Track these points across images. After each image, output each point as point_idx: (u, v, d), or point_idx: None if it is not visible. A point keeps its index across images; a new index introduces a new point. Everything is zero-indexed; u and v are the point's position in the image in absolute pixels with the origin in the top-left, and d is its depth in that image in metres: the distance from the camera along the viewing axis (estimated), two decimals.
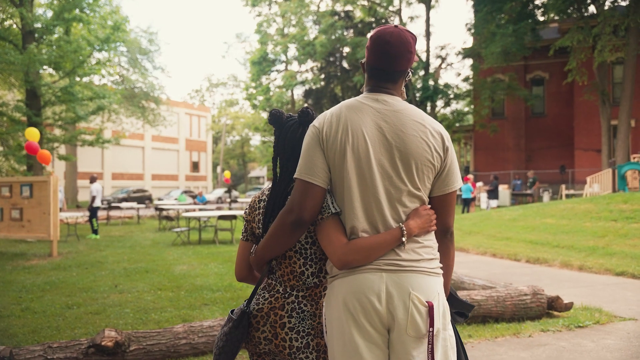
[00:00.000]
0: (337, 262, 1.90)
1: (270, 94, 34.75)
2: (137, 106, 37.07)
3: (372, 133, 1.93)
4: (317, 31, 34.79)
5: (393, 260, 1.89)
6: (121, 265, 9.92)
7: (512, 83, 30.74)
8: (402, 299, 1.84)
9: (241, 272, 2.27)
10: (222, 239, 14.51)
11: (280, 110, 2.22)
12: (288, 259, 2.09)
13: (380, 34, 2.00)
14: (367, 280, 1.87)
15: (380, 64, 2.02)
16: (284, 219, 1.93)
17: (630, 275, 8.21)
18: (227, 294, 7.34)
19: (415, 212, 1.95)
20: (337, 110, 2.00)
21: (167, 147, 53.94)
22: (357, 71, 33.27)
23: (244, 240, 2.26)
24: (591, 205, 13.73)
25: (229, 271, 9.15)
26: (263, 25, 35.78)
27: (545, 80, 34.11)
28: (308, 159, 1.94)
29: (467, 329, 5.39)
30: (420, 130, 1.96)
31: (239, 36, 51.35)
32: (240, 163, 72.47)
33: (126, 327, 5.62)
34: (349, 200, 1.92)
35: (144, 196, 39.29)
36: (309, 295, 2.08)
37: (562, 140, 32.31)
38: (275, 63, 36.92)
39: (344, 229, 1.95)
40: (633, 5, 23.44)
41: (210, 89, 64.87)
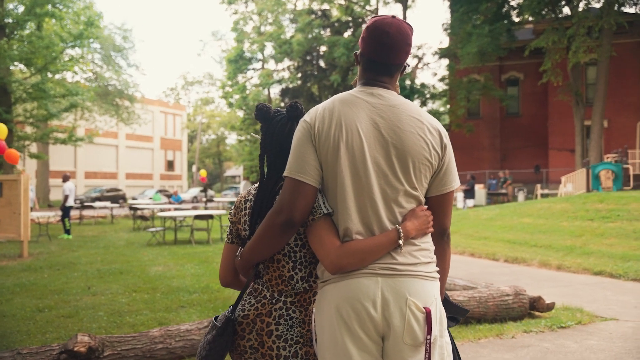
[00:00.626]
0: (330, 266, 1.78)
1: (247, 93, 34.47)
2: (110, 104, 36.51)
3: (367, 129, 1.82)
4: (294, 30, 34.62)
5: (389, 264, 1.77)
6: (94, 267, 9.67)
7: (488, 83, 30.96)
8: (398, 305, 1.73)
9: (226, 277, 2.14)
10: (198, 239, 14.29)
11: (267, 105, 2.09)
12: (276, 262, 1.96)
13: (377, 24, 1.88)
14: (361, 285, 1.75)
15: (377, 56, 1.90)
16: (272, 220, 1.80)
17: (608, 275, 8.25)
18: (205, 295, 7.17)
19: (412, 213, 1.84)
20: (329, 105, 1.88)
21: (141, 145, 53.24)
22: (334, 70, 33.15)
23: (229, 242, 2.13)
24: (567, 205, 13.84)
25: (206, 272, 8.98)
26: (239, 23, 35.49)
27: (520, 80, 34.46)
28: (299, 155, 1.82)
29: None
30: (418, 127, 1.85)
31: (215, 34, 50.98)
32: (216, 162, 71.92)
33: (100, 331, 5.44)
34: (343, 200, 1.80)
35: (118, 195, 38.70)
36: (297, 301, 1.95)
37: (537, 140, 32.66)
38: (252, 61, 36.64)
39: (336, 230, 1.82)
40: (606, 7, 23.77)
41: (185, 87, 64.24)
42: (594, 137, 24.84)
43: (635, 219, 11.41)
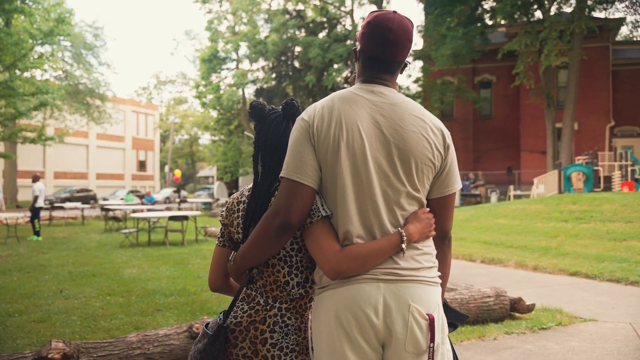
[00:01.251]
0: (330, 272, 1.69)
1: (221, 93, 34.14)
2: (81, 103, 35.88)
3: (368, 128, 1.74)
4: (269, 30, 34.45)
5: (391, 269, 1.70)
6: (66, 269, 9.42)
7: (461, 85, 31.21)
8: (401, 312, 1.66)
9: (216, 282, 2.05)
10: (173, 241, 14.07)
11: (261, 102, 2.00)
12: (271, 267, 1.87)
13: (380, 20, 1.80)
14: (362, 291, 1.67)
15: (378, 52, 1.82)
16: (268, 222, 1.71)
17: (584, 275, 8.33)
18: (181, 298, 7.03)
19: (415, 216, 1.77)
20: (328, 102, 1.79)
21: (112, 145, 52.44)
22: (308, 71, 33.07)
23: (220, 246, 2.03)
24: (541, 206, 13.99)
25: (182, 274, 8.82)
26: (214, 23, 35.13)
27: (493, 83, 34.85)
28: (296, 155, 1.73)
29: None
30: (420, 126, 1.78)
31: (189, 33, 50.21)
32: (189, 162, 71.21)
33: (74, 336, 5.27)
34: (343, 202, 1.71)
35: (88, 196, 38.03)
36: (293, 307, 1.87)
37: (509, 142, 33.04)
38: (226, 61, 36.28)
39: (335, 234, 1.74)
40: (577, 12, 24.18)
41: (158, 87, 63.52)
42: (565, 139, 25.26)
43: (608, 220, 11.57)
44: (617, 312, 6.13)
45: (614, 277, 7.99)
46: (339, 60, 31.36)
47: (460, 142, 34.56)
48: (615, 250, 9.69)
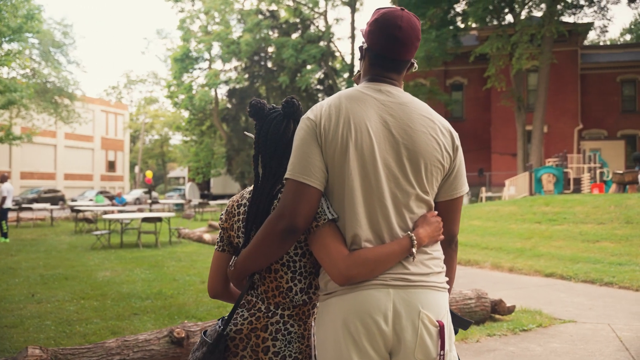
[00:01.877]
0: (338, 277, 1.63)
1: (193, 93, 33.84)
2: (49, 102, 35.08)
3: (376, 128, 1.68)
4: (242, 30, 34.27)
5: (401, 274, 1.64)
6: (37, 272, 9.18)
7: (434, 88, 31.47)
8: (410, 319, 1.61)
9: (215, 288, 1.97)
10: (146, 242, 13.84)
11: (261, 101, 1.92)
12: (274, 272, 1.80)
13: (388, 17, 1.75)
14: (372, 297, 1.61)
15: (386, 51, 1.77)
16: (273, 226, 1.64)
17: (560, 277, 8.43)
18: (158, 302, 6.89)
19: (424, 220, 1.72)
20: (335, 101, 1.73)
21: (81, 145, 51.53)
22: (282, 71, 32.98)
23: (220, 250, 1.95)
24: (515, 208, 14.15)
25: (157, 277, 8.66)
26: (186, 22, 34.79)
27: (464, 85, 35.25)
28: (302, 156, 1.66)
29: None
30: (429, 127, 1.73)
31: (160, 32, 49.79)
32: (160, 163, 70.39)
33: (48, 342, 5.11)
34: (351, 205, 1.65)
35: (56, 197, 37.30)
36: (296, 314, 1.80)
37: (480, 144, 33.43)
38: (198, 61, 35.99)
39: (343, 238, 1.68)
40: (547, 16, 24.59)
41: (128, 86, 62.59)
42: (535, 141, 25.64)
43: (581, 222, 11.76)
44: (595, 313, 6.20)
45: (588, 278, 8.10)
46: (312, 61, 31.37)
47: None
48: (588, 251, 9.84)
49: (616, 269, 8.40)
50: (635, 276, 7.82)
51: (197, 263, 10.18)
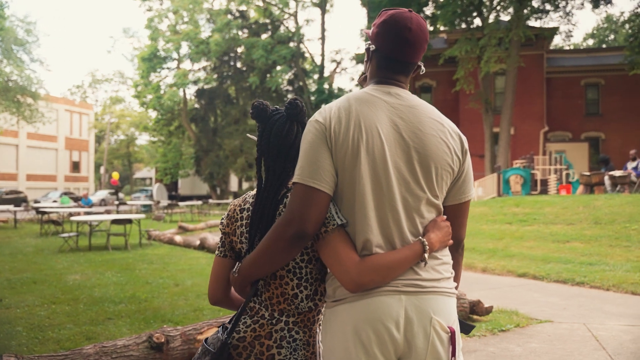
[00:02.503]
0: (350, 284, 1.59)
1: (161, 93, 33.40)
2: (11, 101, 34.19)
3: (387, 131, 1.65)
4: (211, 30, 33.99)
5: (413, 280, 1.62)
6: (3, 276, 8.88)
7: None
8: (422, 325, 1.59)
9: (216, 294, 1.90)
10: (115, 245, 13.55)
11: (264, 103, 1.85)
12: (279, 279, 1.75)
13: (398, 18, 1.72)
14: (383, 304, 1.58)
15: (396, 53, 1.73)
16: (281, 232, 1.59)
17: (532, 277, 8.53)
18: (132, 306, 6.73)
19: (435, 224, 1.69)
20: (344, 103, 1.69)
21: (44, 145, 50.39)
22: (252, 72, 32.82)
23: (221, 256, 1.88)
24: (486, 209, 14.33)
25: (129, 280, 8.47)
26: (154, 21, 34.38)
27: (433, 88, 35.60)
28: (312, 159, 1.61)
29: None
30: (439, 130, 1.71)
31: (127, 31, 48.96)
32: (126, 164, 69.30)
33: (20, 348, 4.93)
34: (362, 210, 1.61)
35: (19, 198, 36.38)
36: (301, 320, 1.75)
37: None
38: (167, 60, 35.60)
39: (352, 243, 1.63)
40: (515, 20, 25.00)
41: (93, 85, 61.51)
42: (502, 143, 26.04)
43: (551, 222, 11.95)
44: (570, 313, 6.28)
45: (560, 278, 8.22)
46: (282, 62, 31.29)
47: None
48: (559, 251, 10.00)
49: (587, 268, 8.55)
50: (606, 276, 7.97)
51: (170, 265, 10.01)
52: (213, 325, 4.71)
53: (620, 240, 9.98)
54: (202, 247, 12.27)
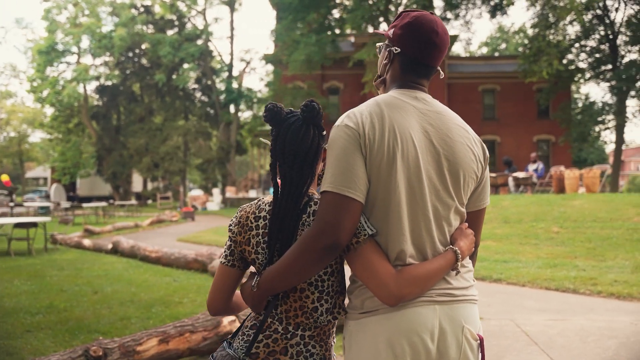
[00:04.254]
0: (390, 298, 1.54)
1: (60, 88, 31.64)
2: None
3: (419, 138, 1.62)
4: (115, 24, 32.63)
5: (445, 289, 1.61)
6: None
7: (312, 91, 31.96)
8: (455, 335, 1.59)
9: (219, 306, 1.81)
10: (17, 250, 12.64)
11: (278, 105, 1.74)
12: (299, 292, 1.67)
13: (423, 22, 1.69)
14: (419, 316, 1.56)
15: (423, 56, 1.71)
16: (313, 243, 1.51)
17: None
18: (51, 316, 6.32)
19: (461, 232, 1.69)
20: (375, 109, 1.63)
21: None
22: (158, 69, 31.85)
23: (229, 265, 1.77)
24: None
25: (43, 288, 7.95)
26: (52, 12, 32.49)
27: (341, 90, 36.17)
28: (346, 167, 1.54)
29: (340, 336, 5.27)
30: (465, 137, 1.70)
31: (20, 21, 46.07)
32: (16, 162, 64.98)
33: None
34: (397, 219, 1.57)
35: None
36: (317, 334, 1.69)
37: None
38: (65, 54, 33.74)
39: (384, 254, 1.59)
40: None
41: None
42: None
43: None
44: (495, 310, 6.57)
45: (479, 275, 8.58)
46: (190, 59, 30.60)
47: None
48: None
49: (502, 266, 8.99)
50: (520, 272, 8.42)
51: (83, 271, 9.50)
52: (153, 336, 4.54)
53: (529, 239, 10.60)
54: (115, 251, 11.74)
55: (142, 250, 10.73)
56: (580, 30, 28.42)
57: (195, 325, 4.79)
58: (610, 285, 7.34)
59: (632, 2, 26.66)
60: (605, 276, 7.86)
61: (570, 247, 9.90)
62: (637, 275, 7.90)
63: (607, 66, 28.64)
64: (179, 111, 34.53)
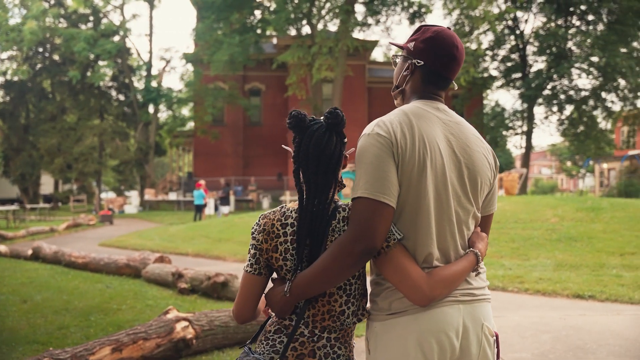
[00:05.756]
0: (422, 299, 1.62)
1: None
2: None
3: (444, 147, 1.72)
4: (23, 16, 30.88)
5: (467, 289, 1.72)
6: None
7: (233, 92, 31.68)
8: (475, 332, 1.70)
9: (248, 313, 1.81)
10: None
11: (302, 112, 1.78)
12: (328, 296, 1.70)
13: (445, 36, 1.79)
14: (446, 315, 1.65)
15: (445, 69, 1.80)
16: (350, 248, 1.56)
17: None
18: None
19: (478, 235, 1.81)
20: (404, 118, 1.70)
21: None
22: (71, 65, 30.45)
23: (256, 274, 1.76)
24: None
25: None
26: None
27: (262, 91, 36.12)
28: (380, 174, 1.60)
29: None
30: (481, 146, 1.82)
31: None
32: None
33: None
34: (427, 224, 1.66)
35: None
36: (342, 336, 1.74)
37: (278, 149, 34.45)
38: None
39: (412, 257, 1.67)
40: (343, 31, 26.34)
41: None
42: None
43: None
44: None
45: None
46: (107, 56, 29.50)
47: (230, 148, 35.10)
48: None
49: None
50: None
51: (5, 279, 8.92)
52: (106, 344, 4.38)
53: None
54: (36, 257, 11.11)
55: (67, 256, 10.22)
56: (493, 40, 29.88)
57: (148, 332, 4.66)
58: (536, 282, 7.77)
59: (540, 14, 28.37)
60: (531, 274, 8.30)
61: (496, 247, 10.37)
62: (559, 273, 8.42)
63: (517, 74, 30.26)
64: (94, 110, 33.16)
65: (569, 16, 28.28)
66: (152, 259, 8.94)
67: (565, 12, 27.93)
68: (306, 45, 26.62)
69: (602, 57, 25.23)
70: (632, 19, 25.26)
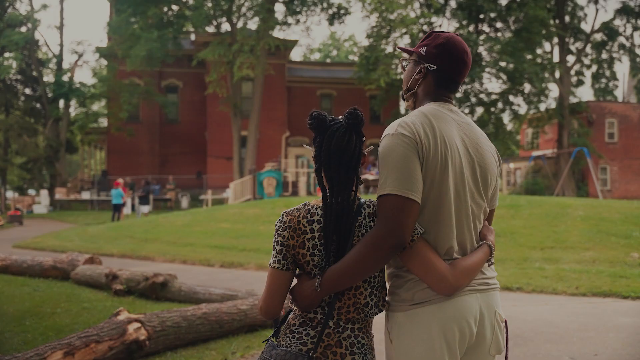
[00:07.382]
0: (447, 289, 1.76)
1: None
2: None
3: (460, 146, 1.87)
4: None
5: (483, 279, 1.88)
6: None
7: (150, 88, 30.81)
8: (490, 319, 1.86)
9: (276, 308, 1.86)
10: None
11: (322, 113, 1.85)
12: (354, 289, 1.80)
13: (455, 42, 1.93)
14: (466, 303, 1.80)
15: (456, 74, 1.96)
16: (381, 242, 1.68)
17: None
18: None
19: (488, 229, 1.98)
20: (424, 119, 1.83)
21: None
22: None
23: (284, 270, 1.82)
24: (258, 210, 14.87)
25: None
26: None
27: (180, 88, 35.34)
28: (407, 172, 1.72)
29: (238, 340, 5.31)
30: (489, 146, 2.00)
31: None
32: None
33: None
34: (448, 219, 1.81)
35: None
36: (364, 327, 1.85)
37: (196, 147, 33.86)
38: None
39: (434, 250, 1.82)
40: (262, 30, 26.35)
41: None
42: (250, 146, 27.16)
43: None
44: None
45: None
46: (14, 48, 27.90)
47: (146, 146, 34.12)
48: None
49: None
50: None
51: None
52: (57, 348, 4.27)
53: None
54: None
55: None
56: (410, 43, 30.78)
57: (100, 334, 4.57)
58: None
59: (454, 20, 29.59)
60: None
61: None
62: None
63: None
64: None
65: (480, 23, 29.66)
66: (82, 260, 8.63)
67: (476, 19, 29.27)
68: (226, 42, 26.35)
69: (510, 63, 26.67)
70: (537, 28, 26.82)
